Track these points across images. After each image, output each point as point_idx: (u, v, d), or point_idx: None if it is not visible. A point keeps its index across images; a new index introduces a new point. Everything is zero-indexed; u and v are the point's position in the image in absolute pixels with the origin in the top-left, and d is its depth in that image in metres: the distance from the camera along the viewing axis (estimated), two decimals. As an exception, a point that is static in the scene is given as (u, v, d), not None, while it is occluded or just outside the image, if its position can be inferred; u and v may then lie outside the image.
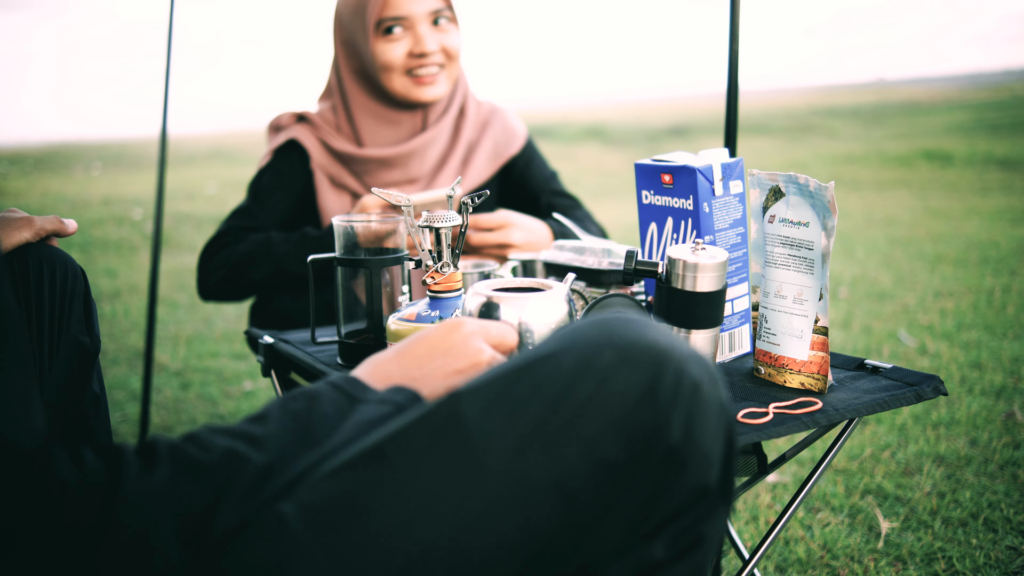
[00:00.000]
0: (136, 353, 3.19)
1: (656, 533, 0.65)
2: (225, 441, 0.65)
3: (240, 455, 0.64)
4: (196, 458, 0.63)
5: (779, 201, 1.11)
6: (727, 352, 1.21)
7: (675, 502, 0.65)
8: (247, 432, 0.67)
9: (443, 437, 0.64)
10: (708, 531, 0.66)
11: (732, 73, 1.58)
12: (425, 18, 1.72)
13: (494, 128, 1.89)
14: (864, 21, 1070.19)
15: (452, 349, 0.79)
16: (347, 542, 0.61)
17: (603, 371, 0.64)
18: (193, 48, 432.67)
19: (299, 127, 1.82)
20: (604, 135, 13.29)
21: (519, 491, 0.63)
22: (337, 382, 0.75)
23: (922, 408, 2.32)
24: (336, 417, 0.71)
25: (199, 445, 0.64)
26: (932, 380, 1.08)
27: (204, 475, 0.62)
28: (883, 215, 5.91)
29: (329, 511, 0.62)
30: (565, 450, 0.63)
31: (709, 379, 0.66)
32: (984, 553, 1.60)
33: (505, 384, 0.65)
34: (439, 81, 1.77)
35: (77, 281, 1.10)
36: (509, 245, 1.65)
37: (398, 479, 0.63)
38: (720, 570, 1.60)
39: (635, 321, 0.69)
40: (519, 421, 0.63)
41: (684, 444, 0.64)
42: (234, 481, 0.63)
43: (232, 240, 1.72)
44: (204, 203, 7.46)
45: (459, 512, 0.62)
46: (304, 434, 0.69)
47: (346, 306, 1.27)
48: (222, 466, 0.63)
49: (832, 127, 13.21)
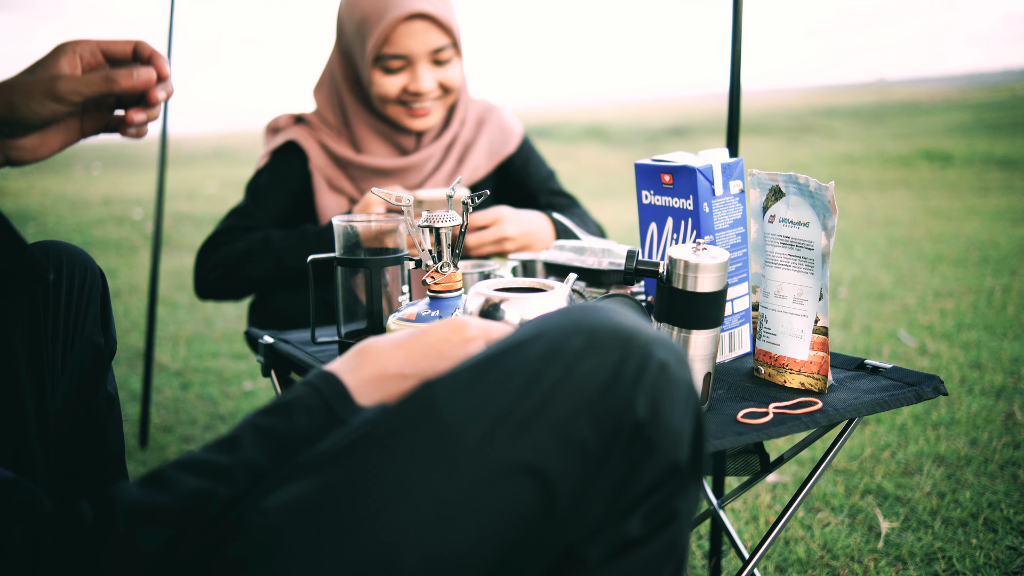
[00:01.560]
0: (136, 353, 3.19)
1: (631, 511, 0.67)
2: (190, 480, 0.64)
3: (205, 494, 0.64)
4: (156, 503, 0.63)
5: (779, 201, 1.11)
6: (727, 352, 1.21)
7: (648, 479, 0.67)
8: (215, 464, 0.66)
9: (417, 426, 0.65)
10: (681, 506, 0.68)
11: (734, 73, 1.58)
12: (425, 57, 1.69)
13: (490, 126, 1.89)
14: (864, 21, 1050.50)
15: (452, 350, 0.78)
16: (325, 533, 0.62)
17: (570, 356, 0.65)
18: (193, 48, 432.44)
19: (297, 128, 1.82)
20: (604, 135, 13.29)
21: (494, 477, 0.64)
22: (317, 384, 0.74)
23: (922, 408, 2.32)
24: (313, 430, 0.70)
25: (162, 486, 0.64)
26: (932, 380, 1.08)
27: (165, 519, 0.62)
28: (883, 215, 5.91)
29: (306, 504, 0.63)
30: (537, 435, 0.64)
31: (676, 360, 0.68)
32: (984, 553, 1.60)
33: (477, 372, 0.66)
34: (433, 112, 1.76)
35: (96, 282, 1.09)
36: (505, 239, 1.65)
37: (374, 469, 0.64)
38: (720, 570, 1.60)
39: (602, 308, 0.70)
40: (491, 408, 0.64)
41: (651, 423, 0.66)
42: (196, 521, 0.63)
43: (229, 239, 1.71)
44: (204, 203, 7.46)
45: (435, 499, 0.63)
46: (280, 451, 0.68)
47: (346, 306, 1.27)
48: (183, 510, 0.63)
49: (832, 127, 13.22)
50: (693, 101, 29.40)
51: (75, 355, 1.06)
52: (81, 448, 1.08)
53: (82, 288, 1.07)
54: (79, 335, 1.06)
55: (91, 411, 1.09)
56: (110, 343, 1.11)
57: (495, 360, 0.67)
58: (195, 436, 2.37)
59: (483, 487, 0.64)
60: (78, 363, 1.07)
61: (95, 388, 1.09)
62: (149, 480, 0.65)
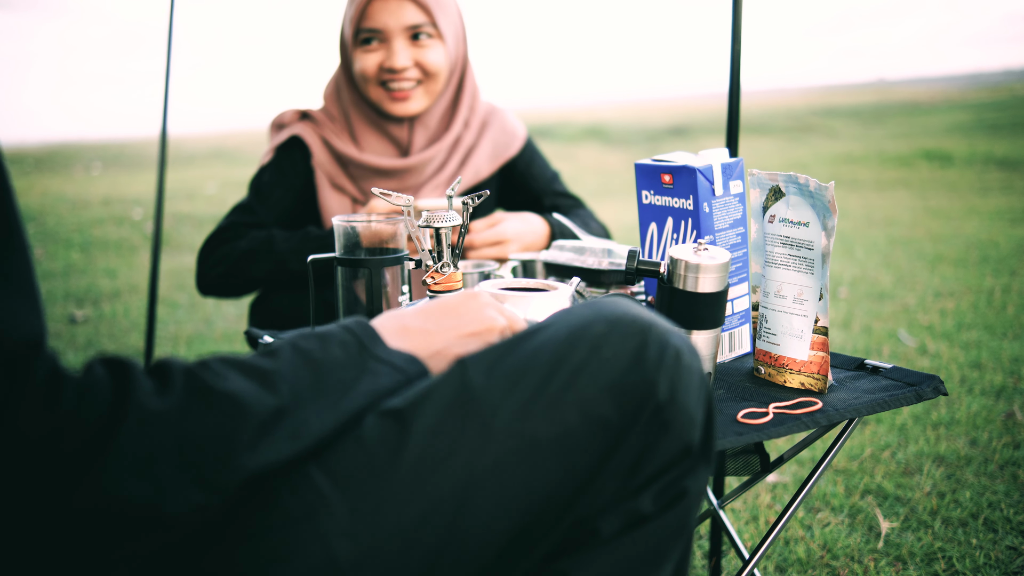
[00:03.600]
0: (136, 353, 3.19)
1: (644, 488, 0.71)
2: (237, 376, 0.65)
3: (254, 391, 0.65)
4: (210, 384, 0.63)
5: (779, 201, 1.11)
6: (727, 352, 1.22)
7: (662, 459, 0.71)
8: (259, 367, 0.67)
9: (453, 401, 0.69)
10: (691, 486, 0.72)
11: (734, 73, 1.58)
12: (401, 32, 1.70)
13: (493, 129, 1.89)
14: (864, 21, 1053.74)
15: (468, 312, 0.83)
16: (367, 498, 0.66)
17: (595, 339, 0.70)
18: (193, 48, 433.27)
19: (302, 124, 1.82)
20: (604, 135, 13.29)
21: (523, 449, 0.68)
22: (350, 326, 0.77)
23: (922, 408, 2.32)
24: (346, 362, 0.72)
25: (213, 373, 0.65)
26: (932, 380, 1.08)
27: (219, 405, 0.62)
28: (883, 215, 5.91)
29: (351, 469, 0.67)
30: (564, 411, 0.69)
31: (689, 350, 0.73)
32: (984, 553, 1.60)
33: (506, 351, 0.71)
34: (414, 97, 1.75)
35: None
36: (504, 240, 1.65)
37: (414, 440, 0.68)
38: (720, 570, 1.60)
39: (621, 300, 0.75)
40: (521, 385, 0.69)
41: (670, 404, 0.70)
42: (248, 416, 0.63)
43: (232, 236, 1.71)
44: (204, 203, 7.45)
45: (469, 470, 0.67)
46: (315, 376, 0.69)
47: (346, 306, 1.27)
48: (235, 399, 0.63)
49: (832, 127, 13.21)
50: (693, 101, 29.40)
51: None
52: None
53: None
54: None
55: None
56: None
57: (523, 341, 0.72)
58: (195, 436, 2.37)
59: (514, 460, 0.68)
60: None
61: None
62: (199, 366, 0.65)
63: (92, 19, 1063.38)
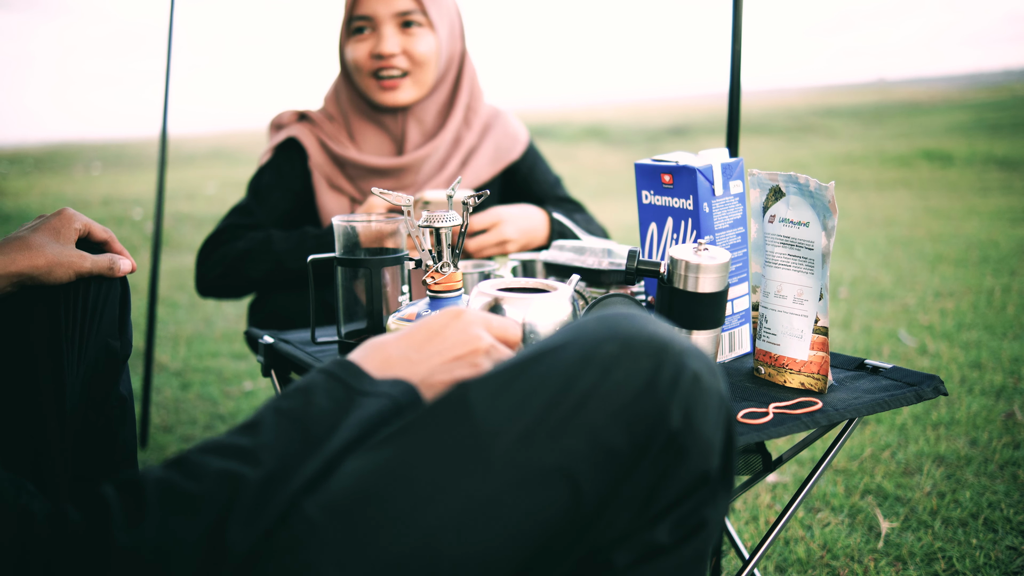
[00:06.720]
0: (136, 353, 3.19)
1: (660, 518, 0.67)
2: (216, 462, 0.64)
3: (234, 475, 0.63)
4: (186, 490, 0.62)
5: (779, 201, 1.11)
6: (727, 352, 1.21)
7: (677, 488, 0.67)
8: (239, 446, 0.66)
9: (451, 427, 0.66)
10: (710, 516, 0.69)
11: (734, 73, 1.58)
12: (391, 19, 1.71)
13: (495, 132, 1.89)
14: (864, 21, 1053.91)
15: (452, 335, 0.80)
16: (361, 528, 0.63)
17: (606, 362, 0.66)
18: (193, 48, 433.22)
19: (299, 125, 1.82)
20: (604, 135, 13.29)
21: (525, 479, 0.64)
22: (332, 370, 0.74)
23: (922, 408, 2.32)
24: (334, 410, 0.70)
25: (188, 472, 0.63)
26: (932, 380, 1.08)
27: (198, 507, 0.61)
28: (883, 215, 5.91)
29: (344, 500, 0.64)
30: (570, 439, 0.65)
31: (708, 371, 0.69)
32: (984, 553, 1.60)
33: (511, 376, 0.67)
34: (403, 87, 1.75)
35: (113, 285, 1.09)
36: (506, 241, 1.66)
37: (409, 468, 0.65)
38: (720, 570, 1.60)
39: (637, 316, 0.71)
40: (525, 411, 0.65)
41: (684, 431, 0.66)
42: (234, 503, 0.62)
43: (231, 237, 1.71)
44: (204, 203, 7.46)
45: (468, 500, 0.64)
46: (303, 434, 0.68)
47: (346, 306, 1.27)
48: (216, 492, 0.62)
49: (832, 127, 13.22)
50: (693, 101, 29.40)
51: (89, 356, 1.06)
52: (90, 449, 1.08)
53: (99, 289, 1.07)
54: (94, 336, 1.06)
55: (102, 413, 1.09)
56: (125, 345, 1.11)
57: (529, 363, 0.68)
58: (195, 436, 2.37)
59: (515, 489, 0.64)
60: (91, 364, 1.07)
61: (107, 390, 1.09)
62: (174, 467, 0.64)
63: (92, 19, 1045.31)
